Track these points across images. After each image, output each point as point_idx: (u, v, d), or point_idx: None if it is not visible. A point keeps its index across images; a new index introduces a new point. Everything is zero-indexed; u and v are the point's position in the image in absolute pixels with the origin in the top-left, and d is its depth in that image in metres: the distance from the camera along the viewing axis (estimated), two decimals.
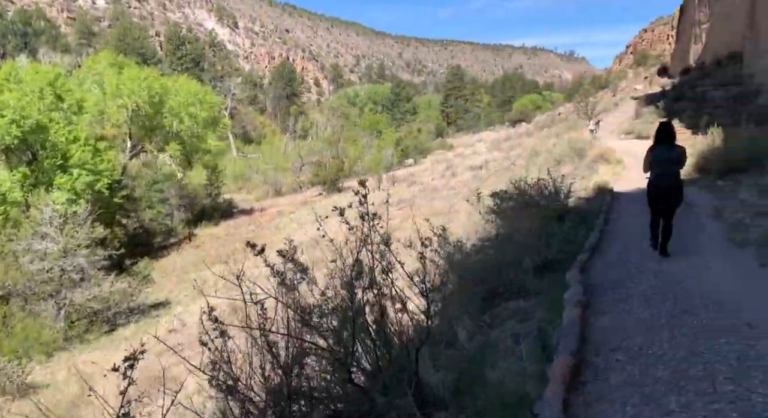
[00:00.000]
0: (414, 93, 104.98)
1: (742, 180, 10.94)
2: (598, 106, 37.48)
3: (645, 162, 5.94)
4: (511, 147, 39.71)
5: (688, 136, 21.76)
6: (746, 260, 5.20)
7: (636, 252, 6.17)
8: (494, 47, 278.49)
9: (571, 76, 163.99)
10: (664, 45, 62.74)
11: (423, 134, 65.15)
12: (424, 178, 40.66)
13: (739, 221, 6.81)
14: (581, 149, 21.39)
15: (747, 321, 3.45)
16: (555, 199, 9.39)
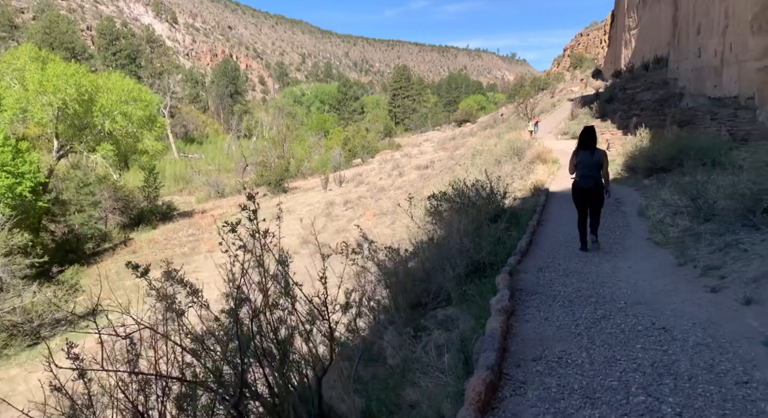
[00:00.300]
0: (362, 92, 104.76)
1: (665, 179, 11.52)
2: (537, 107, 38.73)
3: (570, 164, 6.35)
4: (456, 147, 40.37)
5: (619, 137, 22.86)
6: (665, 259, 5.37)
7: (565, 253, 6.27)
8: (440, 48, 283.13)
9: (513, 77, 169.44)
10: (598, 49, 65.95)
11: (371, 134, 65.05)
12: (371, 177, 40.58)
13: (661, 221, 7.08)
14: (520, 149, 21.97)
15: (662, 324, 3.51)
16: (491, 201, 9.48)
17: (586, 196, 6.17)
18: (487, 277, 5.53)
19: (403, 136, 69.98)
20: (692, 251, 5.18)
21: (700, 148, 11.71)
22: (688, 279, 4.44)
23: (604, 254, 6.03)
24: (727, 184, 6.27)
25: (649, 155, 13.66)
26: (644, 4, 38.47)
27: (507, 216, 9.08)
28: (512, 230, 8.20)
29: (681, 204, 6.84)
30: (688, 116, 20.58)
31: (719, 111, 18.74)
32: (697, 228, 5.93)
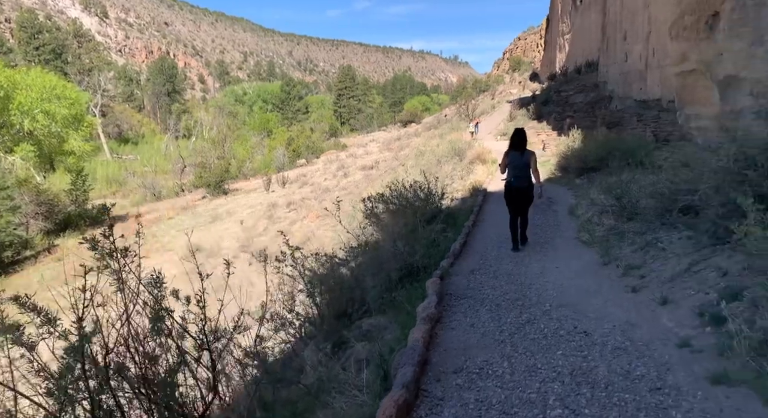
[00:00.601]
0: (306, 92, 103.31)
1: (595, 179, 11.95)
2: (477, 108, 39.56)
3: (501, 165, 6.57)
4: (401, 147, 40.57)
5: (554, 137, 23.70)
6: (592, 258, 5.46)
7: (497, 255, 6.27)
8: (384, 49, 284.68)
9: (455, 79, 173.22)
10: (535, 52, 68.52)
11: (316, 134, 64.16)
12: (316, 178, 40.05)
13: (588, 220, 7.26)
14: (461, 150, 22.30)
15: (584, 328, 3.50)
16: (429, 202, 9.44)
17: (517, 196, 6.41)
18: (420, 281, 5.41)
19: (348, 137, 69.60)
20: (616, 250, 5.29)
21: (626, 148, 12.23)
22: (611, 279, 4.50)
23: (535, 254, 6.08)
24: (648, 183, 6.48)
25: (580, 156, 14.17)
26: (576, 11, 40.27)
27: (444, 217, 9.07)
28: (449, 231, 8.17)
29: (607, 203, 7.03)
30: (617, 118, 21.62)
31: (644, 113, 19.80)
32: (621, 227, 6.09)
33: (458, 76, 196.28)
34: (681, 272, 3.77)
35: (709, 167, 3.56)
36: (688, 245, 4.20)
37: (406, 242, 6.38)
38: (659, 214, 5.35)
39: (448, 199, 10.55)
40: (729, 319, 2.69)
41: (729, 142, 3.35)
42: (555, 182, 14.21)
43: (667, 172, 5.41)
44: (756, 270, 3.10)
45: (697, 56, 12.13)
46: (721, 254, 3.61)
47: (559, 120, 25.68)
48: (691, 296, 3.38)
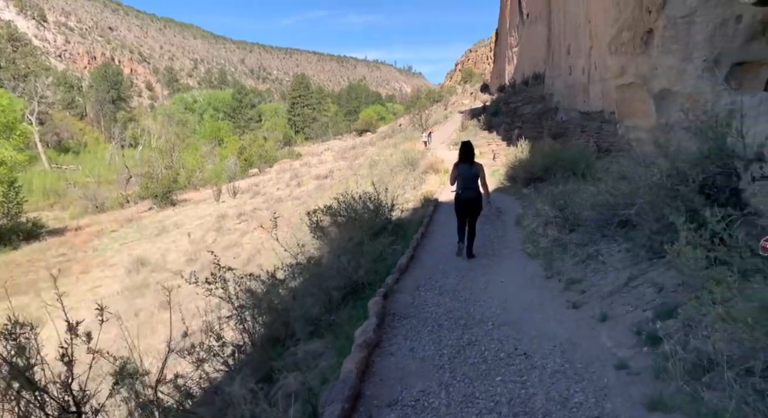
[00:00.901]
0: (259, 100, 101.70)
1: (541, 189, 12.19)
2: (431, 118, 40.03)
3: (451, 176, 6.72)
4: (356, 156, 40.48)
5: (504, 147, 24.20)
6: (536, 271, 5.44)
7: (444, 268, 6.16)
8: (339, 58, 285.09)
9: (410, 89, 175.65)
10: (485, 64, 70.41)
11: (269, 142, 63.12)
12: (268, 188, 39.29)
13: (533, 231, 7.30)
14: (414, 159, 22.38)
15: (525, 349, 3.40)
16: (379, 213, 9.29)
17: (466, 207, 6.55)
18: (364, 298, 5.20)
19: (303, 145, 68.84)
20: (558, 262, 5.29)
21: (569, 159, 12.53)
22: (553, 293, 4.47)
23: (481, 268, 6.02)
24: (590, 194, 6.57)
25: (527, 166, 14.44)
26: (523, 25, 41.69)
27: (394, 229, 8.93)
28: (398, 243, 8.03)
29: (551, 214, 7.09)
30: (562, 129, 22.35)
31: (588, 124, 20.56)
32: (564, 238, 6.13)
33: (412, 86, 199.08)
34: (620, 286, 3.77)
35: (645, 182, 3.58)
36: (626, 258, 4.22)
37: (352, 256, 6.17)
38: (600, 226, 5.41)
39: (398, 211, 10.44)
40: (664, 339, 2.65)
41: (662, 157, 3.37)
42: (504, 192, 14.42)
43: (606, 184, 5.48)
44: (689, 286, 3.10)
45: (634, 70, 12.64)
46: (657, 269, 3.62)
47: (509, 130, 26.28)
48: (629, 312, 3.36)
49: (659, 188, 3.33)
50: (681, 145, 3.73)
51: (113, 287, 20.42)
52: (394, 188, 15.26)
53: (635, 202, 3.92)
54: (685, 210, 3.01)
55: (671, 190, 3.19)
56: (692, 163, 3.15)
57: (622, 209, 4.45)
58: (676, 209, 2.99)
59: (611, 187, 4.79)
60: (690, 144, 3.63)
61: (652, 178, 3.37)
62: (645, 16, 12.18)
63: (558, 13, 26.55)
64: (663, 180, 3.23)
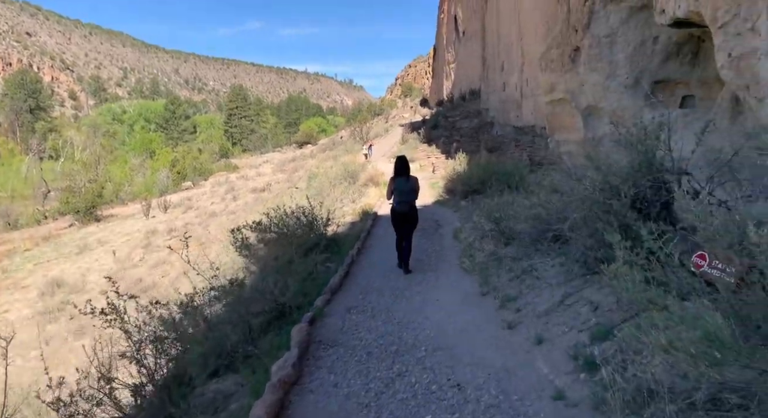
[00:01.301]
0: (194, 111, 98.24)
1: (478, 201, 12.25)
2: (371, 131, 40.12)
3: (387, 190, 6.82)
4: (296, 168, 39.73)
5: (443, 160, 24.50)
6: (471, 287, 5.25)
7: (379, 287, 5.85)
8: (278, 70, 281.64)
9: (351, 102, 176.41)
10: (424, 79, 71.91)
11: (204, 155, 60.84)
12: (202, 202, 37.70)
13: (470, 245, 7.18)
14: (354, 172, 22.13)
15: (458, 379, 3.14)
16: (313, 229, 8.87)
17: (403, 220, 6.61)
18: (291, 324, 4.78)
19: (241, 158, 66.83)
20: (494, 278, 5.13)
21: (504, 171, 12.71)
22: (488, 312, 4.27)
23: (416, 285, 5.77)
24: (524, 207, 6.53)
25: (465, 179, 14.55)
26: (459, 42, 42.94)
27: (329, 245, 8.54)
28: (333, 260, 7.66)
29: (487, 228, 7.00)
30: (498, 143, 22.97)
31: (521, 138, 21.24)
32: (500, 252, 6.02)
33: (354, 99, 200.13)
34: (555, 304, 3.62)
35: (577, 196, 3.47)
36: (560, 273, 4.11)
37: (280, 277, 5.74)
38: (534, 239, 5.32)
39: (335, 225, 10.06)
40: (601, 366, 2.47)
41: (594, 171, 3.27)
42: (443, 205, 14.42)
43: (539, 198, 5.42)
44: (625, 304, 2.97)
45: (563, 86, 13.10)
46: (591, 286, 3.51)
47: (447, 144, 26.69)
48: (564, 333, 3.19)
49: (592, 203, 3.21)
50: (610, 159, 3.66)
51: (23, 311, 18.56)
52: (333, 202, 14.88)
53: (568, 217, 3.81)
54: (618, 225, 2.89)
55: (604, 205, 3.08)
56: (623, 178, 3.05)
57: (555, 223, 4.36)
58: (609, 224, 2.87)
59: (544, 200, 4.71)
60: (619, 157, 3.57)
61: (585, 192, 3.25)
62: (572, 35, 12.67)
63: (492, 31, 27.49)
64: (595, 194, 3.11)
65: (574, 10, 12.58)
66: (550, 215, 4.48)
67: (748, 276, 2.24)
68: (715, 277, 2.59)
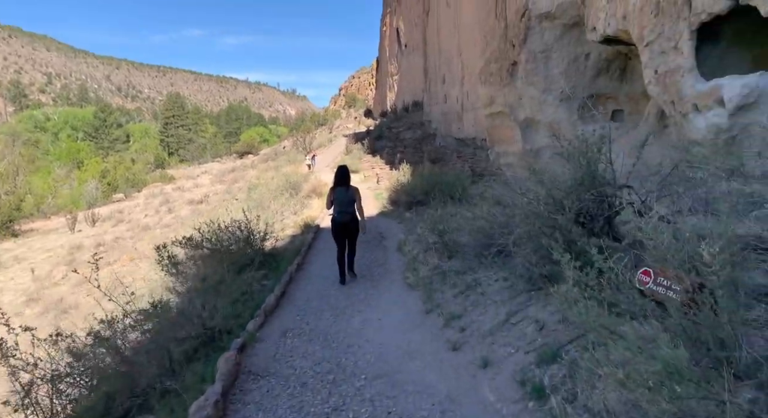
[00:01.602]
0: (127, 119, 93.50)
1: (422, 212, 12.17)
2: (315, 141, 39.64)
3: (327, 200, 6.70)
4: (235, 179, 38.52)
5: (387, 171, 24.49)
6: (415, 304, 5.03)
7: (318, 306, 5.51)
8: (218, 78, 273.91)
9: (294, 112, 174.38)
10: (368, 90, 72.28)
11: (138, 165, 57.84)
12: (135, 215, 35.67)
13: (414, 258, 7.00)
14: (297, 183, 21.61)
15: (400, 411, 2.88)
16: (250, 244, 8.39)
17: (343, 231, 6.54)
18: (222, 350, 4.35)
19: (178, 168, 63.99)
20: (438, 294, 4.95)
21: (447, 182, 12.76)
22: (432, 332, 4.05)
23: (358, 303, 5.49)
24: (467, 219, 6.44)
25: (409, 189, 14.49)
26: (402, 54, 43.50)
27: (265, 261, 8.08)
28: (270, 277, 7.23)
29: (431, 241, 6.85)
30: (440, 154, 23.26)
31: (463, 150, 21.61)
32: (444, 266, 5.86)
33: (297, 109, 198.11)
34: (500, 323, 3.46)
35: (521, 210, 3.35)
36: (505, 289, 3.98)
37: (210, 297, 5.28)
38: (478, 253, 5.20)
39: (274, 239, 9.59)
40: (551, 394, 2.31)
41: (537, 184, 3.16)
42: (387, 216, 14.27)
43: (482, 210, 5.33)
44: (571, 323, 2.85)
45: (502, 100, 13.39)
46: (536, 303, 3.38)
47: (392, 154, 26.75)
48: (511, 355, 3.02)
49: (536, 217, 3.09)
50: (548, 170, 3.57)
51: None
52: (273, 214, 14.32)
53: (512, 231, 3.69)
54: (563, 241, 2.77)
55: (548, 220, 2.96)
56: (566, 191, 2.94)
57: (499, 237, 4.24)
58: (554, 240, 2.74)
59: (487, 213, 4.60)
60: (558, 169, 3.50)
61: (529, 206, 3.13)
62: (510, 50, 12.99)
63: (433, 44, 27.98)
64: (539, 208, 2.99)
65: (512, 26, 12.92)
66: (494, 228, 4.36)
67: (697, 295, 2.15)
68: (661, 295, 2.51)
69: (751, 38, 7.37)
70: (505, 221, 4.07)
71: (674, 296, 2.51)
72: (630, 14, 8.05)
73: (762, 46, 7.38)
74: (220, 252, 7.32)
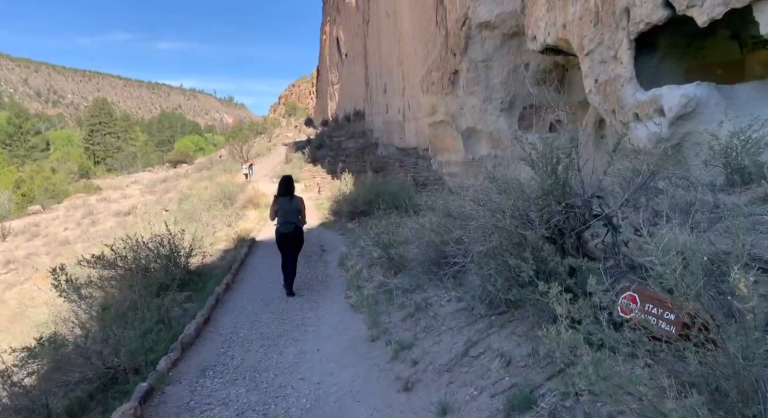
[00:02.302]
0: (47, 126, 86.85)
1: (366, 223, 11.65)
2: (252, 150, 38.31)
3: (271, 211, 6.63)
4: (167, 189, 36.42)
5: (329, 180, 23.85)
6: (360, 330, 4.45)
7: (248, 335, 4.77)
8: (150, 85, 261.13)
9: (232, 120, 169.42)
10: (308, 99, 71.36)
11: (59, 175, 53.53)
12: (53, 228, 32.83)
13: (358, 274, 6.45)
14: (232, 193, 20.49)
15: None
16: (173, 262, 7.50)
17: (287, 241, 6.41)
18: (126, 394, 3.58)
19: (105, 178, 59.84)
20: (385, 316, 4.41)
21: (391, 192, 12.39)
22: (380, 367, 3.48)
23: (294, 329, 4.83)
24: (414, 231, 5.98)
25: (352, 199, 13.96)
26: (342, 64, 43.16)
27: (184, 281, 7.21)
28: (194, 300, 6.41)
29: (376, 255, 6.34)
30: (382, 163, 22.97)
31: (405, 159, 21.41)
32: (390, 283, 5.36)
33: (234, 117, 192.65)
34: (458, 355, 2.97)
35: (480, 223, 2.90)
36: (460, 313, 3.51)
37: (119, 327, 4.46)
38: (426, 268, 4.73)
39: (201, 255, 8.70)
40: None
41: (500, 195, 2.71)
42: (328, 227, 13.62)
43: (431, 221, 4.88)
44: (542, 357, 2.42)
45: (444, 109, 13.22)
46: (499, 330, 2.93)
47: (333, 164, 26.22)
48: (474, 398, 2.53)
49: (499, 231, 2.66)
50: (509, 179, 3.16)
51: None
52: (204, 227, 13.28)
53: (467, 246, 3.24)
54: (533, 260, 2.34)
55: (514, 234, 2.53)
56: (537, 204, 2.53)
57: (453, 252, 3.79)
58: (522, 260, 2.30)
59: (436, 225, 4.14)
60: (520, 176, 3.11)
61: (492, 219, 2.68)
62: (450, 58, 12.83)
63: (373, 54, 27.77)
64: (505, 222, 2.55)
65: (452, 34, 12.79)
66: (446, 242, 3.90)
67: (695, 326, 1.77)
68: (652, 326, 2.13)
69: (683, 50, 7.50)
70: (458, 235, 3.63)
71: (666, 327, 2.13)
72: (570, 23, 8.00)
73: (694, 58, 7.53)
74: (136, 272, 6.42)
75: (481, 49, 11.50)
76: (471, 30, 11.55)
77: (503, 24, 10.95)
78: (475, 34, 11.52)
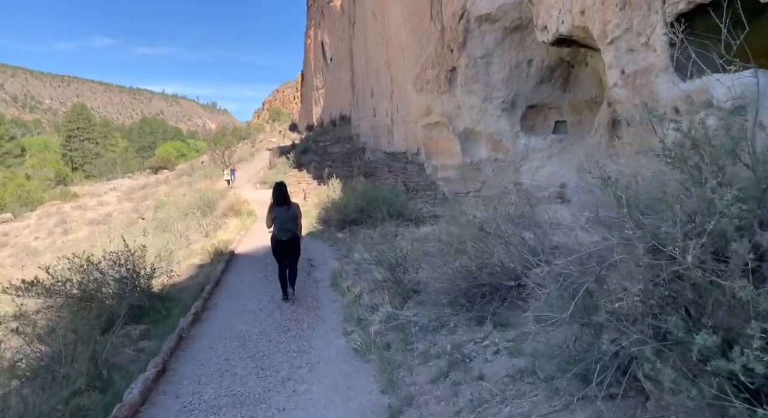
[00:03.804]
0: (23, 132, 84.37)
1: (358, 233, 10.51)
2: (235, 155, 37.04)
3: (267, 219, 6.49)
4: (145, 197, 34.89)
5: (315, 186, 22.69)
6: (370, 394, 3.18)
7: (210, 401, 3.50)
8: (131, 90, 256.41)
9: (214, 125, 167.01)
10: (293, 104, 70.16)
11: (34, 181, 51.42)
12: (23, 237, 31.23)
13: (357, 299, 5.30)
14: (212, 200, 19.20)
15: None
16: (134, 284, 6.31)
17: (284, 249, 6.32)
18: None
19: (83, 185, 57.83)
20: (404, 372, 3.24)
21: (383, 198, 11.37)
22: None
23: (277, 386, 3.59)
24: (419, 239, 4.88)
25: (341, 207, 12.82)
26: (328, 68, 42.13)
27: (149, 308, 6.03)
28: (153, 336, 5.20)
29: (380, 278, 5.20)
30: (371, 168, 21.92)
31: (394, 164, 20.38)
32: (402, 315, 4.23)
33: (217, 122, 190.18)
34: None
35: (629, 268, 1.80)
36: (522, 376, 2.41)
37: (37, 386, 3.29)
38: (452, 299, 3.63)
39: (166, 275, 7.47)
40: None
41: (620, 208, 1.66)
42: (316, 237, 12.39)
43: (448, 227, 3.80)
44: None
45: (439, 109, 12.21)
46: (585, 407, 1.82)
47: (319, 169, 25.17)
48: None
49: (649, 271, 1.57)
50: None
51: None
52: (177, 238, 12.01)
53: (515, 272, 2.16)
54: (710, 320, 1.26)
55: (652, 267, 1.45)
56: (685, 221, 1.46)
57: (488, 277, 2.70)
58: (688, 319, 1.23)
59: (471, 245, 3.05)
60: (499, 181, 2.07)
61: (622, 246, 1.60)
62: (447, 54, 11.78)
63: (360, 57, 26.76)
64: (638, 252, 1.47)
65: (449, 29, 11.75)
66: (484, 265, 2.81)
67: None
68: None
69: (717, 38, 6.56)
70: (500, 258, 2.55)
71: None
72: (590, 9, 7.00)
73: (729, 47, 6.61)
74: (80, 301, 5.22)
75: (480, 44, 10.53)
76: (470, 23, 10.58)
77: (505, 16, 9.97)
78: (474, 27, 10.55)
